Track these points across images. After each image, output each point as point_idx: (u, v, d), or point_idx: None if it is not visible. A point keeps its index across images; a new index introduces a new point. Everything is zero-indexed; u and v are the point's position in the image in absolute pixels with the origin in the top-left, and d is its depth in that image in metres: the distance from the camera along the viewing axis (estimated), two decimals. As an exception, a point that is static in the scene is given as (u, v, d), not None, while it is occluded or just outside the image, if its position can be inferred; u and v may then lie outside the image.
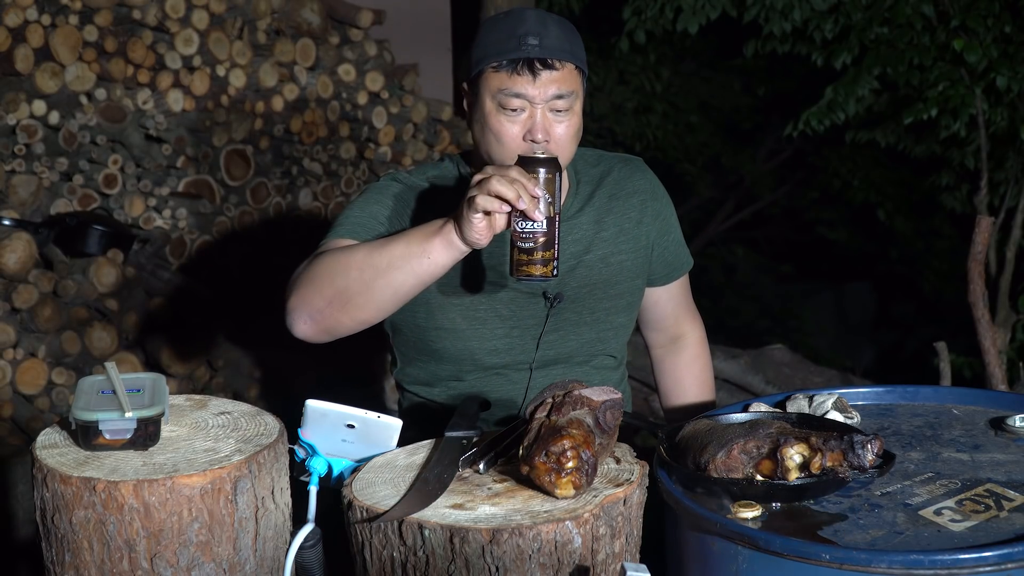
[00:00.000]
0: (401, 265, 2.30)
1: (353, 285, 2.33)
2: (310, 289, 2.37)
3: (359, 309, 2.36)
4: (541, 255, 2.25)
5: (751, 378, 5.29)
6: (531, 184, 2.22)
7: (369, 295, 2.33)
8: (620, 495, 1.93)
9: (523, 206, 2.19)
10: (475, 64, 2.53)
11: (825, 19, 6.36)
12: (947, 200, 7.38)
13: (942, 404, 2.48)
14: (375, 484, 2.04)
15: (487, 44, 2.51)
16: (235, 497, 1.95)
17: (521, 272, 2.27)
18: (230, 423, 2.14)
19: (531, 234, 2.23)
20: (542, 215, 2.23)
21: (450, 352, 2.63)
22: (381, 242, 2.36)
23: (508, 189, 2.18)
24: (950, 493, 2.01)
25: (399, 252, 2.31)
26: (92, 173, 4.67)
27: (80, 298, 4.33)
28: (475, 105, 2.56)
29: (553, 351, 2.66)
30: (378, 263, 2.31)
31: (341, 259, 2.36)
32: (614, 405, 2.04)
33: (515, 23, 2.49)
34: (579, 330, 2.67)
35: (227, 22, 5.04)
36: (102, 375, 2.16)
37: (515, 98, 2.46)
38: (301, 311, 2.38)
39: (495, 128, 2.49)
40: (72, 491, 1.90)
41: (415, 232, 2.33)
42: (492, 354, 2.62)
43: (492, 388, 2.66)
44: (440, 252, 2.29)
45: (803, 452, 1.97)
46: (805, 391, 2.44)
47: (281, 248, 5.22)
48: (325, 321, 2.38)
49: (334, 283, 2.34)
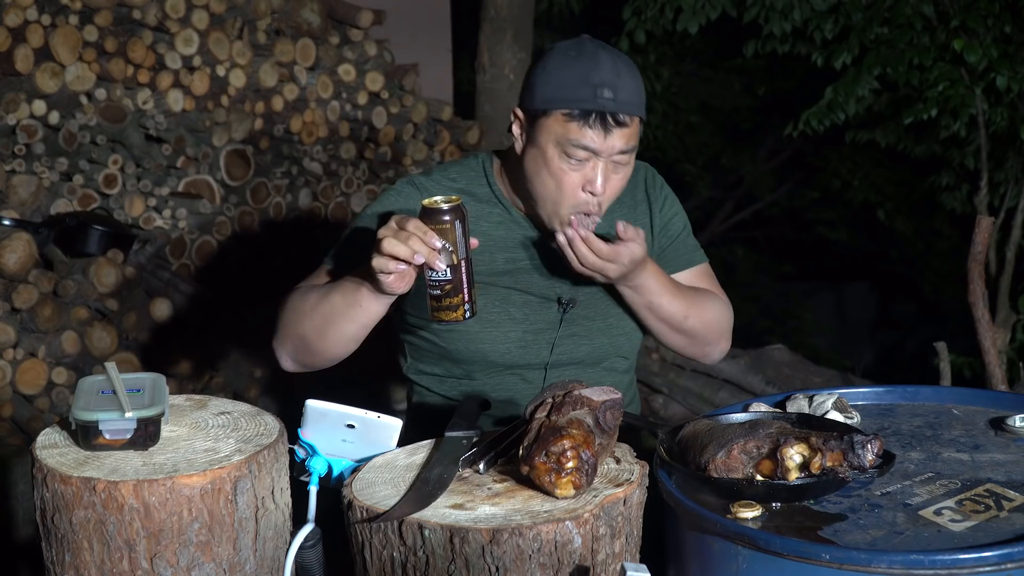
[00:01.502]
0: (343, 313, 2.44)
1: (309, 333, 2.51)
2: (282, 333, 2.58)
3: (322, 352, 2.53)
4: (449, 301, 2.30)
5: (751, 378, 5.29)
6: (429, 237, 2.23)
7: (325, 341, 2.50)
8: (620, 495, 1.93)
9: (419, 261, 2.23)
10: (542, 101, 2.46)
11: (825, 19, 6.36)
12: (947, 200, 7.38)
13: (942, 404, 2.48)
14: (375, 484, 2.04)
15: (559, 85, 2.44)
16: (235, 497, 1.95)
17: (434, 317, 2.33)
18: (230, 423, 2.14)
19: (437, 282, 2.28)
20: (443, 264, 2.25)
21: (463, 353, 2.64)
22: (328, 290, 2.48)
23: (403, 248, 2.21)
24: (950, 493, 2.01)
25: (338, 303, 2.44)
26: (92, 173, 4.67)
27: (80, 298, 4.33)
28: (533, 140, 2.49)
29: (566, 355, 2.67)
30: (324, 312, 2.47)
31: (299, 306, 2.53)
32: (614, 405, 2.04)
33: (590, 68, 2.43)
34: (591, 335, 2.68)
35: (227, 22, 5.04)
36: (102, 375, 2.16)
37: (582, 150, 2.43)
38: (281, 352, 2.61)
39: (556, 175, 2.46)
40: (72, 491, 1.90)
41: (348, 282, 2.44)
42: (505, 356, 2.63)
43: (505, 387, 2.67)
44: (371, 302, 2.41)
45: (803, 452, 1.97)
46: (805, 391, 2.44)
47: (281, 248, 5.22)
48: (301, 360, 2.59)
49: (296, 331, 2.53)
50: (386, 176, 5.64)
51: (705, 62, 10.31)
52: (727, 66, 9.83)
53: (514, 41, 6.18)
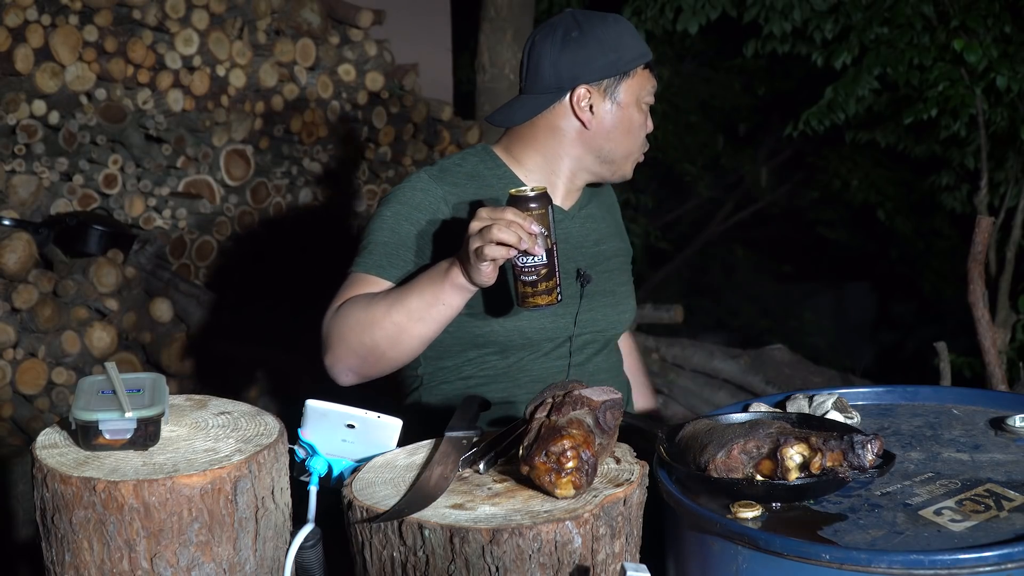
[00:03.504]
0: (421, 316, 2.44)
1: (381, 342, 2.46)
2: (343, 349, 2.50)
3: (393, 360, 2.51)
4: (544, 285, 2.34)
5: (751, 378, 5.29)
6: (527, 223, 2.29)
7: (399, 348, 2.48)
8: (620, 495, 1.93)
9: (525, 247, 2.28)
10: (625, 63, 2.68)
11: (825, 19, 6.36)
12: (947, 200, 7.38)
13: (942, 404, 2.48)
14: (375, 484, 2.04)
15: (628, 47, 2.70)
16: (235, 497, 1.94)
17: (527, 303, 2.37)
18: (230, 423, 2.14)
19: (533, 268, 2.33)
20: (541, 249, 2.31)
21: (498, 333, 2.66)
22: (397, 295, 2.47)
23: (509, 234, 2.27)
24: (950, 493, 2.01)
25: (415, 306, 2.44)
26: (92, 173, 4.67)
27: (80, 298, 4.33)
28: (616, 104, 2.70)
29: (587, 329, 2.76)
30: (399, 319, 2.44)
31: (363, 316, 2.47)
32: (614, 405, 2.04)
33: (627, 26, 2.73)
34: (606, 311, 2.79)
35: (227, 22, 5.04)
36: (102, 375, 2.16)
37: (653, 96, 2.77)
38: (340, 367, 2.53)
39: (637, 128, 2.73)
40: (72, 491, 1.90)
41: (425, 283, 2.44)
42: (540, 331, 2.68)
43: (531, 365, 2.71)
44: (453, 297, 2.42)
45: (803, 452, 1.97)
46: (805, 391, 2.44)
47: (281, 248, 5.22)
48: (365, 372, 2.54)
49: (363, 342, 2.47)
50: (386, 176, 5.64)
51: (705, 62, 10.32)
52: (727, 66, 9.84)
53: (514, 41, 6.18)
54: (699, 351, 5.49)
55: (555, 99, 2.68)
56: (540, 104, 2.70)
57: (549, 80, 2.67)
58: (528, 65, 2.72)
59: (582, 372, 2.74)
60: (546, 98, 2.69)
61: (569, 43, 2.65)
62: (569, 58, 2.65)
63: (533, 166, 2.74)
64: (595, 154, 2.72)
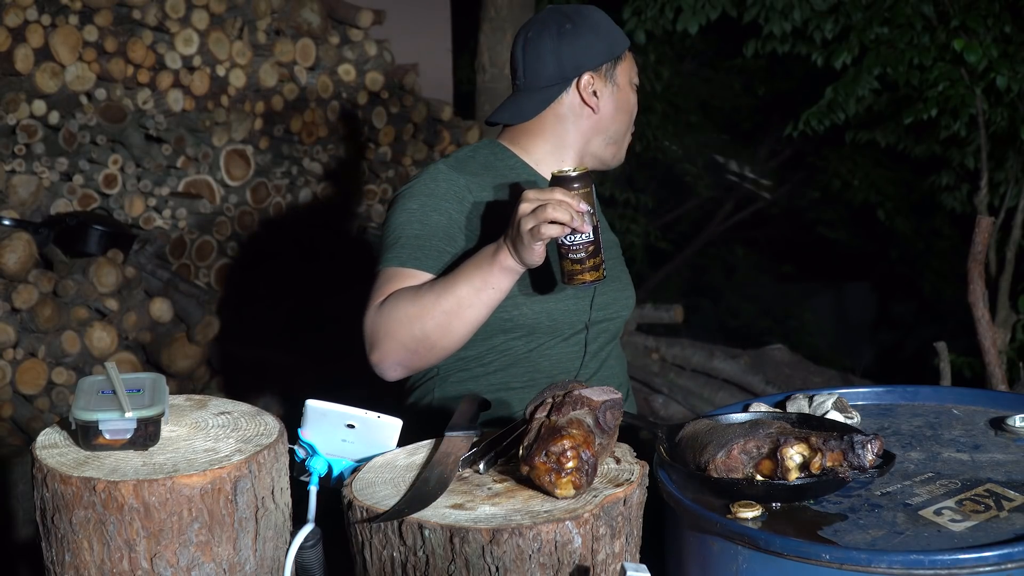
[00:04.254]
0: (471, 302, 2.46)
1: (432, 333, 2.47)
2: (391, 343, 2.50)
3: (444, 349, 2.52)
4: (592, 262, 2.39)
5: (751, 378, 5.29)
6: (576, 202, 2.33)
7: (450, 336, 2.49)
8: (620, 495, 1.93)
9: (577, 224, 2.32)
10: (618, 47, 2.80)
11: (825, 19, 6.36)
12: (947, 200, 7.37)
13: (942, 404, 2.48)
14: (375, 484, 2.04)
15: (610, 33, 2.81)
16: (235, 497, 1.94)
17: (575, 280, 2.41)
18: (230, 423, 2.14)
19: (581, 245, 2.37)
20: (589, 227, 2.35)
21: (527, 316, 2.68)
22: (444, 284, 2.48)
23: (563, 213, 2.31)
24: (950, 493, 2.01)
25: (465, 292, 2.45)
26: (92, 173, 4.67)
27: (80, 298, 4.33)
28: (615, 86, 2.80)
29: (603, 313, 2.79)
30: (448, 307, 2.45)
31: (411, 309, 2.48)
32: (614, 405, 2.04)
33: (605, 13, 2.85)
34: (615, 294, 2.83)
35: (227, 22, 5.04)
36: (102, 375, 2.15)
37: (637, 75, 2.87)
38: (389, 362, 2.52)
39: (631, 107, 2.85)
40: (72, 491, 1.90)
41: (472, 268, 2.46)
42: (565, 313, 2.71)
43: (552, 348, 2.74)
44: (502, 280, 2.45)
45: (803, 452, 1.97)
46: (805, 391, 2.44)
47: (281, 248, 5.22)
48: (414, 365, 2.55)
49: (413, 334, 2.48)
50: (386, 176, 5.65)
51: (705, 62, 10.31)
52: (727, 66, 9.83)
53: (514, 41, 6.17)
54: (699, 351, 5.49)
55: (562, 89, 2.75)
56: (548, 97, 2.75)
57: (553, 72, 2.73)
58: (526, 62, 2.76)
59: (596, 360, 2.78)
60: (553, 90, 2.75)
61: (565, 35, 2.72)
62: (569, 49, 2.72)
63: (542, 155, 2.79)
64: (603, 137, 2.80)
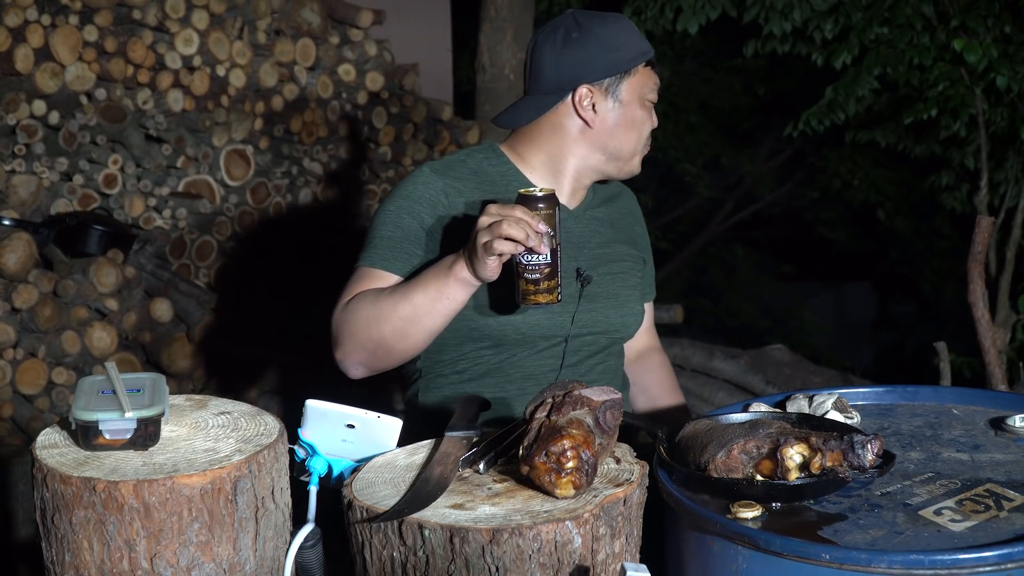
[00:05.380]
0: (427, 311, 2.48)
1: (389, 337, 2.52)
2: (352, 344, 2.56)
3: (402, 353, 2.57)
4: (546, 284, 2.39)
5: (751, 378, 5.29)
6: (535, 221, 2.34)
7: (406, 341, 2.53)
8: (620, 495, 1.93)
9: (532, 244, 2.32)
10: (625, 63, 2.72)
11: (825, 19, 6.36)
12: (947, 200, 7.37)
13: (942, 404, 2.48)
14: (375, 484, 2.04)
15: (629, 45, 2.73)
16: (235, 497, 1.94)
17: (528, 300, 2.41)
18: (230, 423, 2.14)
19: (536, 266, 2.37)
20: (547, 248, 2.36)
21: (492, 328, 2.68)
22: (403, 290, 2.51)
23: (518, 231, 2.31)
24: (950, 493, 2.01)
25: (420, 300, 2.48)
26: (92, 173, 4.67)
27: (80, 298, 4.33)
28: (618, 102, 2.74)
29: (586, 330, 2.76)
30: (405, 314, 2.49)
31: (371, 312, 2.53)
32: (614, 405, 2.04)
33: (629, 25, 2.77)
34: (607, 313, 2.79)
35: (227, 22, 5.04)
36: (102, 375, 2.16)
37: (656, 93, 2.80)
38: (351, 361, 2.59)
39: (640, 125, 2.78)
40: (72, 491, 1.90)
41: (430, 278, 2.49)
42: (534, 327, 2.69)
43: (525, 361, 2.72)
44: (457, 291, 2.46)
45: (803, 452, 1.97)
46: (805, 391, 2.44)
47: (281, 248, 5.22)
48: (375, 366, 2.60)
49: (371, 337, 2.53)
50: (386, 176, 5.65)
51: (705, 62, 10.32)
52: (727, 66, 9.84)
53: (514, 41, 6.18)
54: (699, 351, 5.49)
55: (558, 99, 2.72)
56: (544, 105, 2.74)
57: (551, 81, 2.71)
58: (531, 66, 2.76)
59: (574, 373, 2.75)
60: (549, 99, 2.73)
61: (570, 43, 2.69)
62: (570, 58, 2.69)
63: (538, 164, 2.78)
64: (601, 152, 2.76)
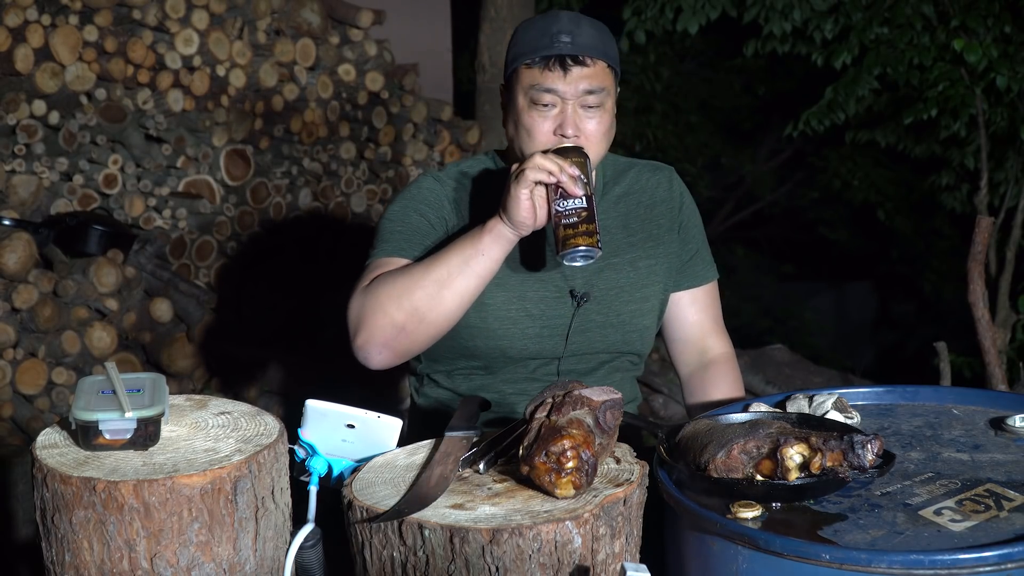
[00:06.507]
0: (462, 270, 2.43)
1: (422, 304, 2.43)
2: (378, 319, 2.45)
3: (432, 324, 2.46)
4: (585, 227, 2.36)
5: (751, 378, 5.29)
6: (567, 164, 2.36)
7: (440, 308, 2.44)
8: (620, 495, 1.93)
9: (565, 179, 2.34)
10: (510, 63, 2.60)
11: (825, 19, 6.36)
12: (947, 200, 7.38)
13: (942, 404, 2.48)
14: (375, 484, 2.04)
15: (522, 43, 2.58)
16: (235, 497, 1.94)
17: (567, 245, 2.36)
18: (230, 423, 2.14)
19: (573, 210, 2.36)
20: (581, 191, 2.36)
21: (481, 349, 2.66)
22: (433, 258, 2.47)
23: (550, 163, 2.34)
24: (950, 493, 2.01)
25: (456, 261, 2.43)
26: (92, 173, 4.67)
27: (80, 298, 4.33)
28: (509, 104, 2.63)
29: (581, 350, 2.69)
30: (440, 276, 2.43)
31: (399, 283, 2.45)
32: (614, 405, 2.04)
33: (550, 22, 2.56)
34: (605, 331, 2.69)
35: (227, 22, 5.04)
36: (102, 375, 2.16)
37: (546, 93, 2.53)
38: (374, 343, 2.46)
39: (527, 124, 2.55)
40: (72, 491, 1.90)
41: (463, 239, 2.46)
42: (522, 351, 2.66)
43: (518, 380, 2.70)
44: (492, 246, 2.42)
45: (803, 452, 1.97)
46: (805, 391, 2.44)
47: (280, 248, 5.22)
48: (400, 346, 2.48)
49: (402, 307, 2.44)
50: (386, 176, 5.65)
51: (705, 62, 10.32)
52: (727, 66, 9.85)
53: (514, 41, 6.18)
54: (699, 351, 5.48)
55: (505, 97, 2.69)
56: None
57: None
58: None
59: None
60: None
61: None
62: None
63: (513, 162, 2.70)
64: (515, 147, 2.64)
